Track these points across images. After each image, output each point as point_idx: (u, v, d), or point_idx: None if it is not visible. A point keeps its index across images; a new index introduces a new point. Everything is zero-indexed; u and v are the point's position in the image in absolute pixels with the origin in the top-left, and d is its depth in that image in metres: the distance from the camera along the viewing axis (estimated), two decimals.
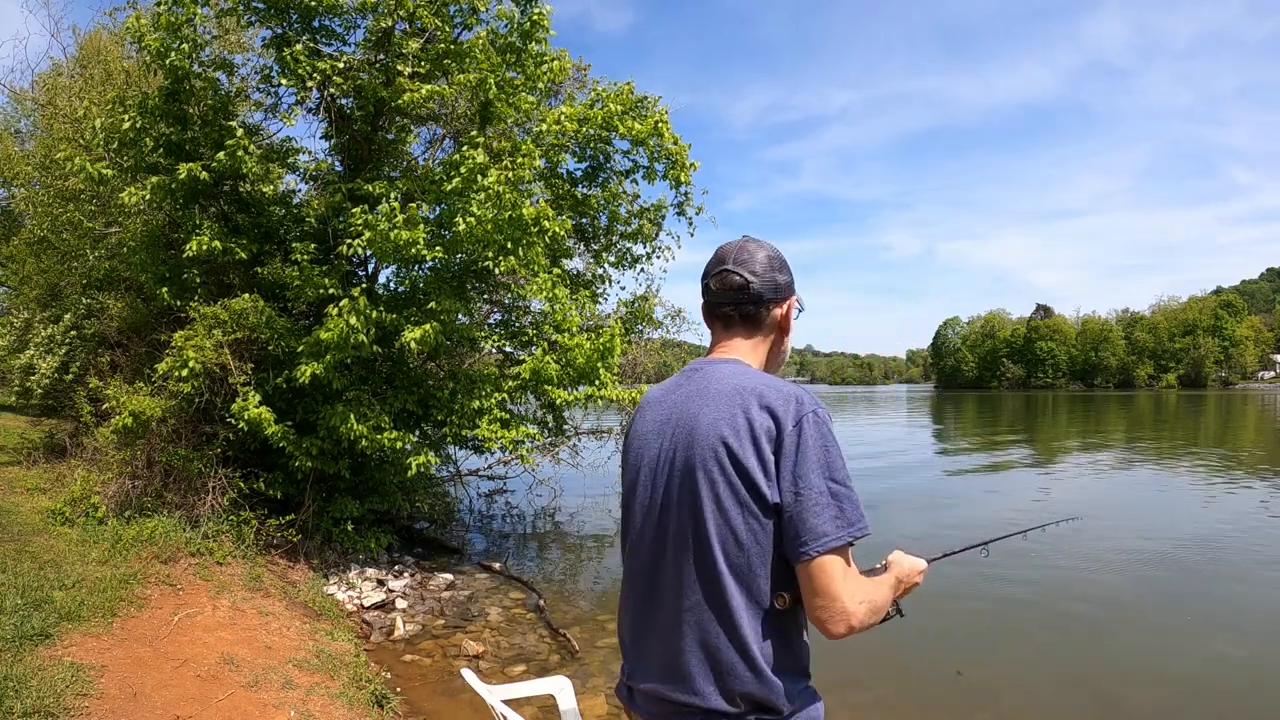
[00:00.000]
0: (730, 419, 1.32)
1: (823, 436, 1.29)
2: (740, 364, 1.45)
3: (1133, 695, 4.88)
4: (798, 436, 1.27)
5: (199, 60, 6.71)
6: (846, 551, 1.27)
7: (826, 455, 1.27)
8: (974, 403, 61.25)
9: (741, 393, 1.35)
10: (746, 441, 1.29)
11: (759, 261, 1.48)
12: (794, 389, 1.34)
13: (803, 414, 1.29)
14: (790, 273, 1.53)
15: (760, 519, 1.28)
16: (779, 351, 1.56)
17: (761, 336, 1.51)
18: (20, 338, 11.21)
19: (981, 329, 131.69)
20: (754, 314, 1.49)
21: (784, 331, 1.54)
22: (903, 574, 1.53)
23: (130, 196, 6.36)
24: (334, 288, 6.46)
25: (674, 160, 8.36)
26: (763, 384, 1.35)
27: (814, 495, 1.25)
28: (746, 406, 1.32)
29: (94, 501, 6.25)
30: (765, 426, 1.29)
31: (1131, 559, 8.18)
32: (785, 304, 1.52)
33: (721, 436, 1.32)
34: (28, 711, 3.06)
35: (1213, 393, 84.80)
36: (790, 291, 1.53)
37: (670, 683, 1.36)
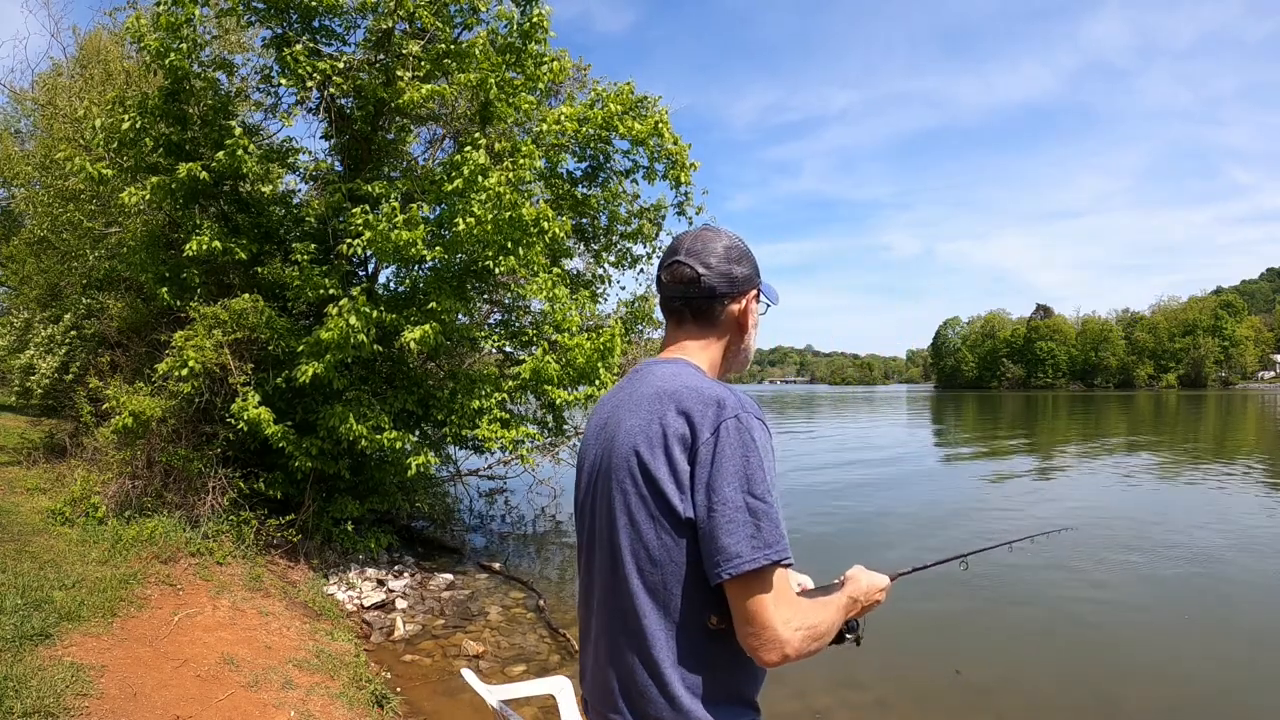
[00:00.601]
0: (645, 426, 1.22)
1: (744, 445, 1.15)
2: (683, 364, 1.33)
3: (1132, 695, 4.89)
4: (714, 444, 1.15)
5: (199, 60, 6.72)
6: (773, 573, 1.13)
7: (746, 466, 1.14)
8: (974, 403, 61.25)
9: (662, 397, 1.24)
10: (659, 450, 1.19)
11: (714, 252, 1.35)
12: (719, 391, 1.21)
13: (722, 419, 1.17)
14: (753, 265, 1.40)
15: (673, 534, 1.18)
16: (737, 351, 1.42)
17: (716, 335, 1.38)
18: (20, 338, 11.21)
19: (981, 329, 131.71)
20: (706, 310, 1.36)
21: (742, 330, 1.41)
22: (859, 592, 1.39)
23: (130, 196, 6.36)
24: (334, 288, 6.46)
25: (674, 160, 8.36)
26: (686, 387, 1.23)
27: (728, 511, 1.12)
28: (663, 412, 1.21)
29: (94, 501, 6.25)
30: (680, 433, 1.18)
31: (1131, 559, 8.18)
32: (743, 300, 1.38)
33: (635, 445, 1.22)
34: (28, 711, 3.06)
35: (1213, 393, 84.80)
36: (749, 285, 1.39)
37: (599, 699, 1.30)
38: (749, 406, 1.20)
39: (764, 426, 1.21)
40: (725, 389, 1.22)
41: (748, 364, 1.45)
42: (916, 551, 8.27)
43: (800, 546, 5.79)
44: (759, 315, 1.44)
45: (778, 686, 4.71)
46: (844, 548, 8.82)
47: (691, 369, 1.32)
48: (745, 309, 1.40)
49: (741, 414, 1.18)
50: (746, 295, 1.39)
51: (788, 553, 1.14)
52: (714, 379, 1.32)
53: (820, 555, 8.49)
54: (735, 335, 1.40)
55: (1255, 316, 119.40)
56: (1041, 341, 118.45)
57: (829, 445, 22.69)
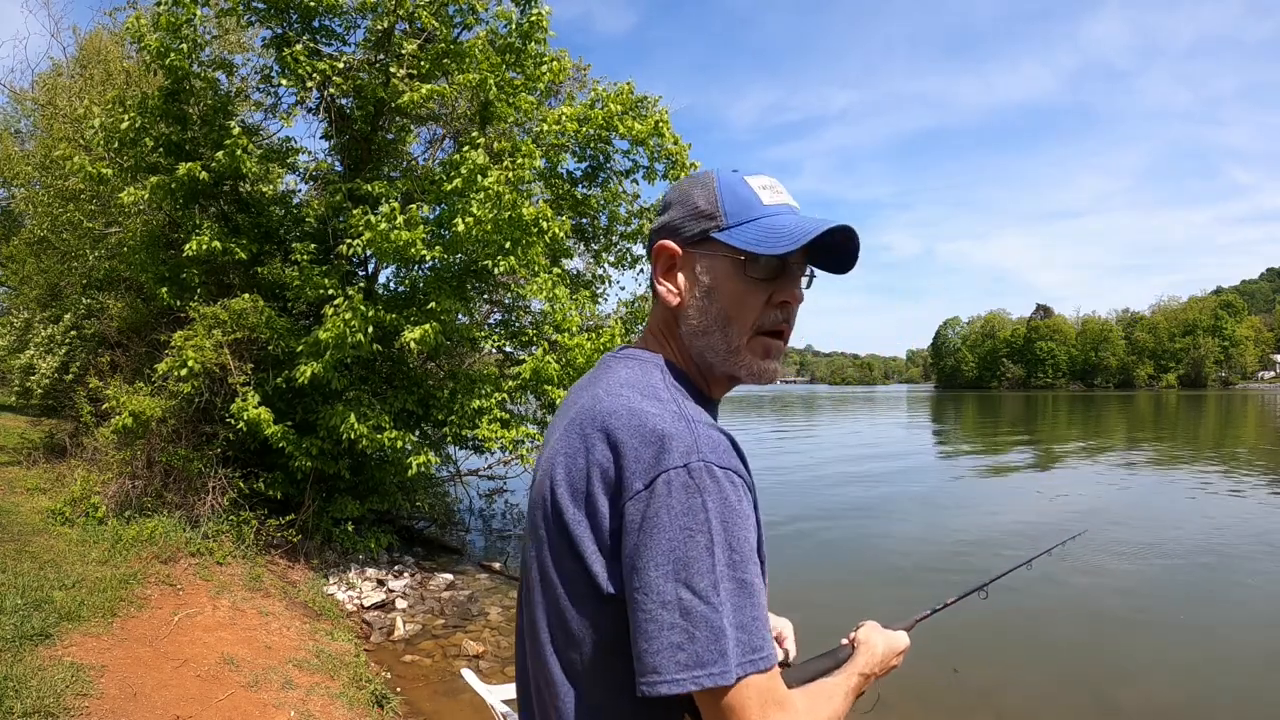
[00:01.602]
0: (568, 457, 0.90)
1: (688, 513, 0.80)
2: (638, 362, 0.98)
3: (1131, 694, 4.89)
4: (646, 505, 0.81)
5: (199, 60, 6.72)
6: (741, 688, 0.79)
7: (686, 546, 0.79)
8: (974, 403, 61.27)
9: (595, 418, 0.90)
10: (580, 496, 0.87)
11: (664, 197, 1.05)
12: (667, 422, 0.85)
13: (664, 468, 0.82)
14: (692, 203, 0.97)
15: (594, 611, 0.87)
16: (698, 333, 0.98)
17: (661, 316, 1.03)
18: (20, 338, 11.22)
19: (981, 329, 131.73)
20: (652, 281, 1.03)
21: (670, 299, 0.99)
22: (874, 664, 1.10)
23: (130, 196, 6.37)
24: (333, 288, 6.46)
25: (674, 160, 8.37)
26: (627, 407, 0.88)
27: (650, 605, 0.79)
28: (591, 442, 0.88)
29: (94, 501, 6.25)
30: (606, 477, 0.86)
31: (1131, 559, 8.18)
32: (653, 253, 1.01)
33: (553, 481, 0.91)
34: (28, 711, 3.06)
35: (1213, 393, 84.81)
36: (664, 233, 0.99)
37: None
38: (712, 450, 0.84)
39: (734, 482, 0.84)
40: (679, 418, 0.86)
41: (738, 359, 0.98)
42: (926, 558, 8.27)
43: (804, 554, 5.79)
44: (713, 278, 0.96)
45: None
46: (848, 553, 8.82)
47: (653, 371, 0.96)
48: (668, 266, 0.99)
49: (694, 463, 0.82)
50: (670, 248, 0.98)
51: (735, 672, 0.78)
52: (675, 392, 0.93)
53: (823, 562, 8.49)
54: (670, 309, 1.00)
55: (1255, 316, 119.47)
56: (1041, 341, 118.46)
57: (830, 445, 22.70)
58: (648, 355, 1.00)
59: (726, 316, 0.95)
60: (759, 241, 0.93)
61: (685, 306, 0.98)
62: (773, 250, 0.92)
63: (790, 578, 7.53)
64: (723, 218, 0.95)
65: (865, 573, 7.68)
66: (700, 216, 0.96)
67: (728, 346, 0.96)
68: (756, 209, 0.95)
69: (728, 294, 0.95)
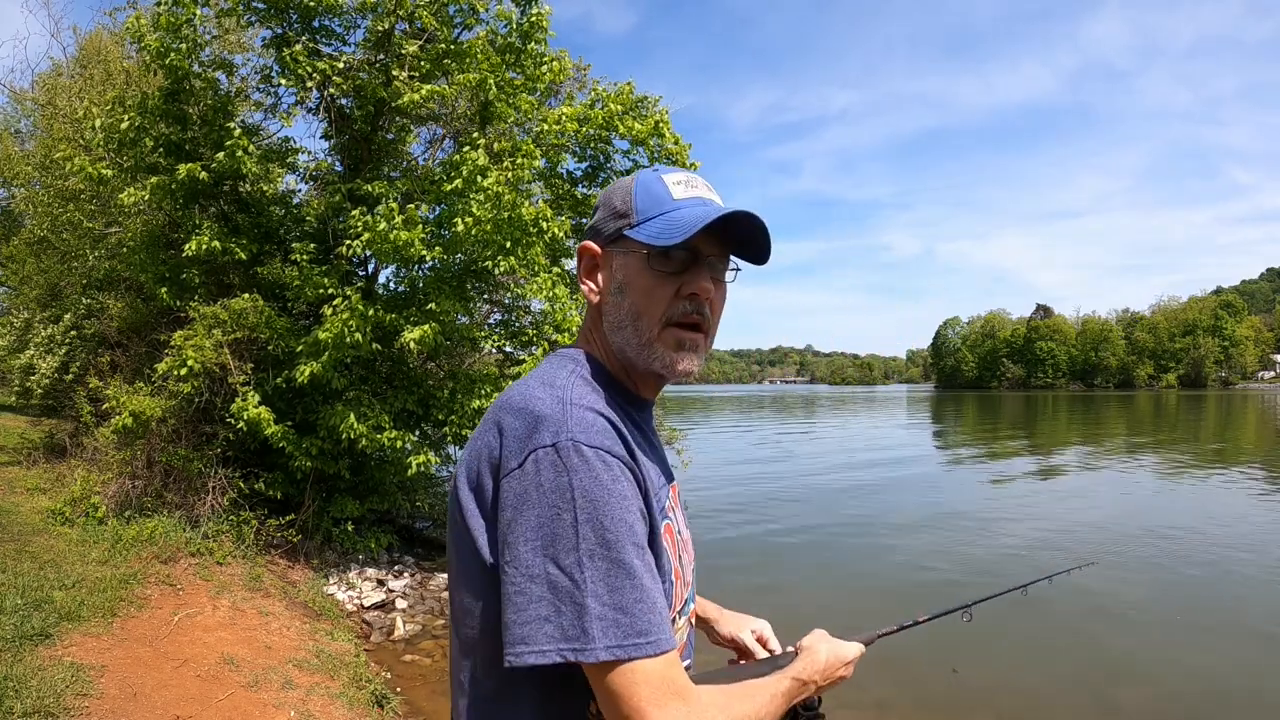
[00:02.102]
0: (470, 445, 0.95)
1: (556, 490, 0.82)
2: (558, 357, 1.02)
3: (1131, 694, 4.89)
4: (519, 481, 0.84)
5: (199, 60, 6.72)
6: (634, 665, 0.79)
7: (556, 521, 0.81)
8: (974, 403, 61.26)
9: (494, 407, 0.95)
10: (471, 476, 0.91)
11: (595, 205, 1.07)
12: (545, 403, 0.89)
13: (536, 445, 0.85)
14: (610, 204, 1.01)
15: (483, 579, 0.89)
16: (615, 328, 1.00)
17: (588, 314, 1.06)
18: (20, 338, 11.22)
19: (981, 329, 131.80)
20: None
21: (591, 296, 1.03)
22: (813, 672, 1.06)
23: (130, 196, 6.37)
24: (333, 288, 6.46)
25: (674, 160, 8.36)
26: (521, 392, 0.93)
27: (518, 578, 0.81)
28: (485, 426, 0.93)
29: (94, 501, 6.25)
30: (490, 457, 0.89)
31: (1130, 559, 8.18)
32: (577, 253, 1.05)
33: (462, 464, 0.95)
34: (28, 711, 3.06)
35: (1213, 393, 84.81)
36: (589, 234, 1.04)
37: None
38: (583, 430, 0.85)
39: (606, 461, 0.84)
40: (557, 400, 0.89)
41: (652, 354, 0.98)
42: (917, 555, 8.27)
43: (796, 553, 5.79)
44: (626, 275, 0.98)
45: None
46: (843, 553, 8.82)
47: (564, 364, 0.99)
48: (590, 266, 1.03)
49: (563, 441, 0.84)
50: (591, 248, 1.03)
51: (605, 654, 0.78)
52: (574, 380, 0.95)
53: (818, 562, 8.49)
54: (593, 307, 1.04)
55: (1255, 316, 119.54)
56: (1041, 341, 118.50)
57: (830, 446, 22.70)
58: (571, 351, 1.03)
59: (636, 310, 0.97)
60: (659, 234, 0.94)
61: (604, 303, 1.01)
62: (669, 241, 0.93)
63: (786, 584, 7.53)
64: (634, 215, 0.97)
65: (858, 582, 7.68)
66: (616, 216, 0.99)
67: (639, 340, 0.97)
68: (665, 204, 0.96)
69: (637, 288, 0.97)
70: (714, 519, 10.19)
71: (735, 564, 7.92)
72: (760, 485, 13.66)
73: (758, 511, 10.73)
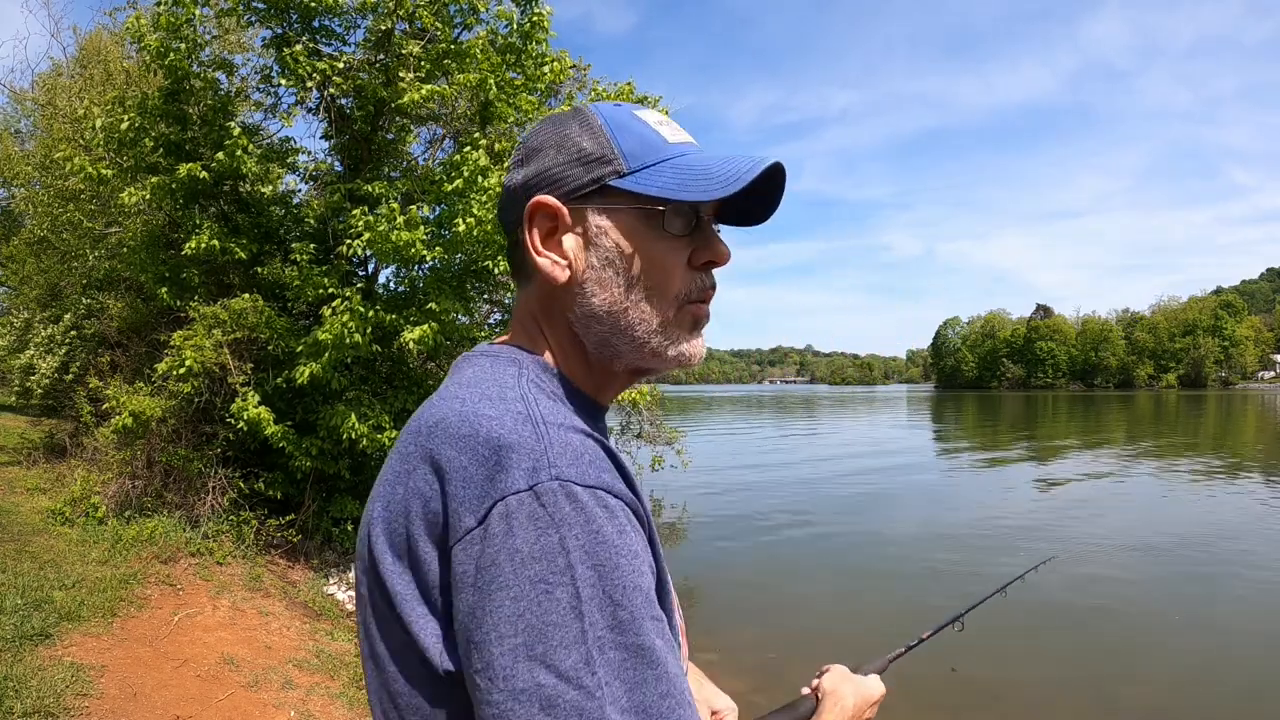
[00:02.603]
0: (387, 489, 0.67)
1: (544, 555, 0.56)
2: (490, 359, 0.74)
3: (1131, 693, 4.89)
4: (481, 548, 0.57)
5: (199, 60, 6.72)
6: None
7: (545, 604, 0.55)
8: (974, 403, 61.27)
9: (416, 433, 0.67)
10: (397, 540, 0.64)
11: (521, 146, 0.78)
12: (511, 424, 0.62)
13: (504, 491, 0.58)
14: (571, 146, 0.72)
15: (436, 690, 0.62)
16: (600, 315, 0.72)
17: (536, 300, 0.76)
18: (20, 338, 11.23)
19: (981, 329, 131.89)
20: (512, 257, 0.78)
21: (556, 271, 0.72)
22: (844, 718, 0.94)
23: (130, 196, 6.37)
24: (333, 288, 6.46)
25: None
26: (456, 411, 0.65)
27: (498, 697, 0.55)
28: (410, 463, 0.65)
29: (94, 501, 6.25)
30: (428, 510, 0.62)
31: (1129, 559, 8.19)
32: (534, 217, 0.72)
33: (371, 524, 0.67)
34: (28, 711, 3.06)
35: (1213, 393, 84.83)
36: (537, 187, 0.73)
37: None
38: (571, 461, 0.60)
39: (608, 505, 0.59)
40: (524, 420, 0.62)
41: (658, 343, 0.73)
42: (918, 560, 8.27)
43: (796, 556, 5.79)
44: (617, 239, 0.71)
45: (776, 686, 4.72)
46: (844, 558, 8.82)
47: (505, 368, 0.72)
48: (549, 230, 0.73)
49: (545, 483, 0.58)
50: (550, 204, 0.72)
51: None
52: (531, 389, 0.68)
53: (818, 566, 8.49)
54: (554, 288, 0.73)
55: (1255, 316, 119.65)
56: (1041, 341, 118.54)
57: (831, 446, 22.70)
58: (506, 350, 0.75)
59: (645, 287, 0.71)
60: (681, 186, 0.70)
61: (580, 281, 0.71)
62: (707, 194, 0.69)
63: (787, 588, 7.53)
64: (621, 160, 0.71)
65: (860, 588, 7.68)
66: (589, 161, 0.71)
67: (647, 326, 0.72)
68: (661, 148, 0.73)
69: (646, 258, 0.71)
70: (712, 525, 10.19)
71: (736, 566, 7.92)
72: (759, 487, 13.66)
73: (757, 514, 10.73)
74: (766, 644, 5.50)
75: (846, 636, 5.77)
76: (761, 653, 5.32)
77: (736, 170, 0.71)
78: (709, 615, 6.01)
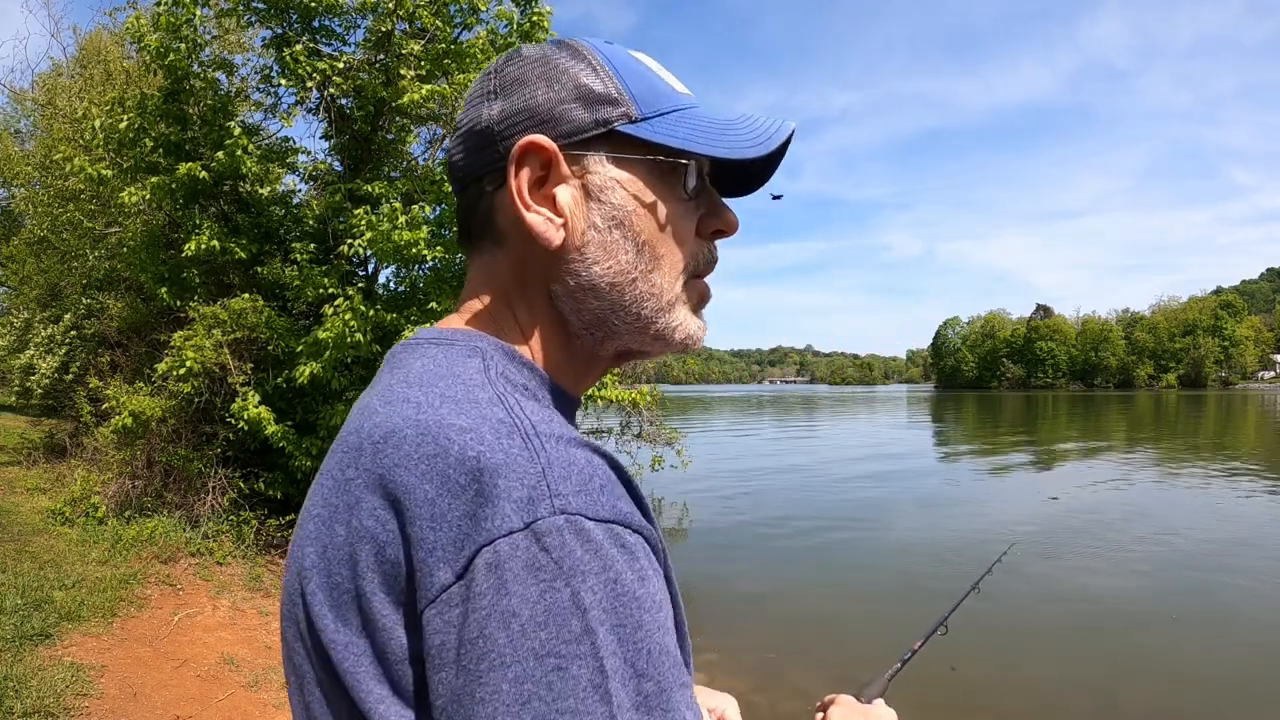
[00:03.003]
0: (322, 527, 0.51)
1: (552, 619, 0.42)
2: (442, 346, 0.58)
3: (1131, 693, 4.89)
4: (465, 611, 0.43)
5: (199, 60, 6.72)
6: None
7: (557, 687, 0.41)
8: (974, 403, 61.29)
9: (356, 450, 0.51)
10: (342, 598, 0.48)
11: (469, 98, 0.62)
12: (492, 436, 0.47)
13: (489, 535, 0.43)
14: (569, 80, 0.58)
15: None
16: (600, 286, 0.59)
17: (510, 266, 0.61)
18: (20, 338, 11.24)
19: (981, 329, 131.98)
20: (469, 214, 0.63)
21: (549, 232, 0.57)
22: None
23: (130, 196, 6.37)
24: (334, 287, 6.47)
25: None
26: (411, 420, 0.50)
27: None
28: (352, 493, 0.50)
29: (94, 501, 6.26)
30: (382, 559, 0.47)
31: (1128, 559, 8.19)
32: (512, 157, 0.57)
33: (301, 574, 0.52)
34: (28, 711, 3.06)
35: (1213, 393, 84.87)
36: (521, 124, 0.58)
37: None
38: (579, 486, 0.46)
39: (626, 543, 0.46)
40: (510, 431, 0.48)
41: (664, 323, 0.61)
42: (923, 564, 8.27)
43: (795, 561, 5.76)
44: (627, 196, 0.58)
45: (777, 686, 4.72)
46: (843, 559, 8.82)
47: (464, 359, 0.56)
48: (539, 178, 0.58)
49: (545, 520, 0.44)
50: (545, 146, 0.57)
51: None
52: (505, 387, 0.53)
53: (816, 572, 8.49)
54: (544, 252, 0.58)
55: (1255, 316, 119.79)
56: (1041, 341, 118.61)
57: (831, 447, 22.71)
58: (463, 335, 0.59)
59: (654, 255, 0.59)
60: (708, 140, 0.59)
61: (578, 246, 0.58)
62: (739, 152, 0.59)
63: (787, 596, 7.53)
64: (632, 104, 0.58)
65: (858, 590, 7.68)
66: (592, 101, 0.58)
67: (656, 303, 0.60)
68: (672, 96, 0.61)
69: (658, 220, 0.59)
70: (712, 525, 10.20)
71: (736, 566, 7.93)
72: (760, 487, 13.66)
73: (758, 514, 10.74)
74: (766, 644, 5.49)
75: (846, 636, 5.77)
76: (761, 653, 5.31)
77: (763, 129, 0.62)
78: (708, 615, 6.01)
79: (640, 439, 10.27)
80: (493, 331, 0.60)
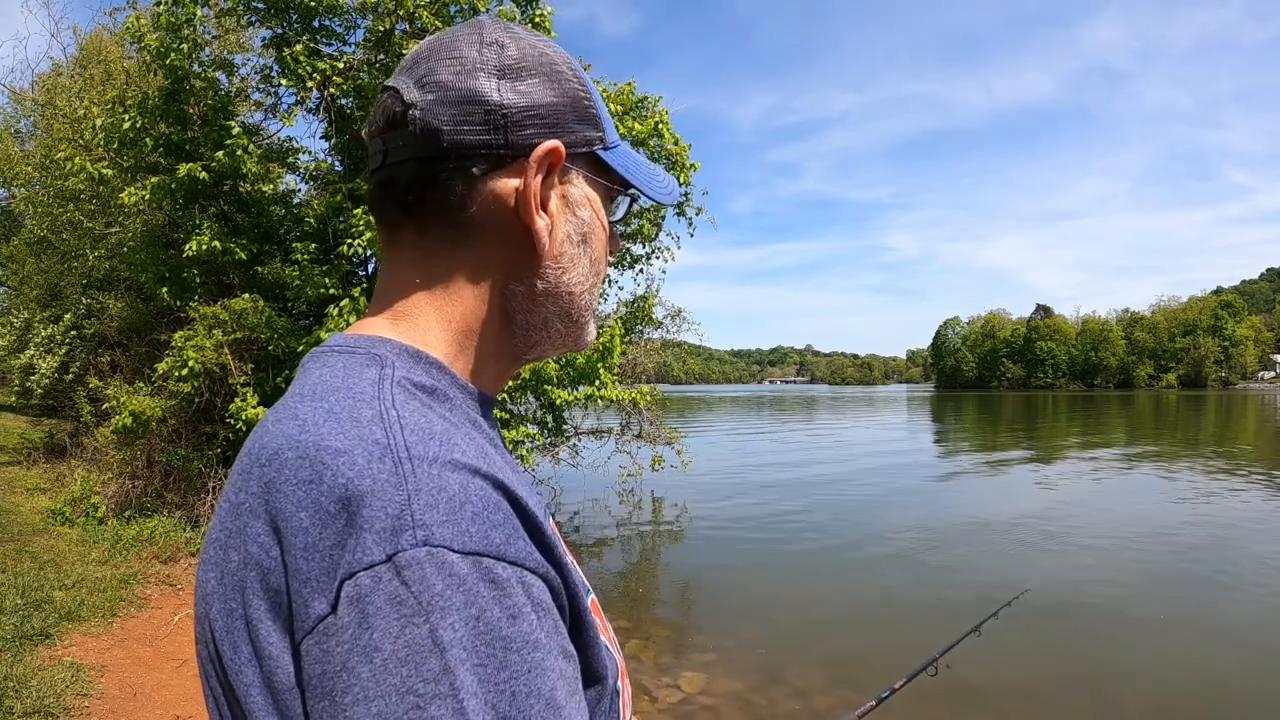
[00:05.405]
0: (221, 556, 0.49)
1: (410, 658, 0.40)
2: (344, 355, 0.55)
3: (1131, 693, 4.89)
4: (331, 645, 0.41)
5: (199, 60, 6.73)
6: None
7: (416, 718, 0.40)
8: (974, 404, 61.28)
9: (248, 470, 0.50)
10: (236, 624, 0.47)
11: (457, 59, 0.56)
12: (364, 458, 0.45)
13: (352, 567, 0.42)
14: (568, 90, 0.58)
15: None
16: (559, 293, 0.60)
17: (470, 261, 0.58)
18: (20, 338, 11.25)
19: (981, 329, 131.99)
20: (433, 189, 0.56)
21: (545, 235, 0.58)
22: None
23: (130, 196, 6.37)
24: (334, 287, 6.47)
25: (674, 160, 8.37)
26: (295, 439, 0.47)
27: None
28: (243, 517, 0.48)
29: (94, 501, 6.26)
30: (269, 587, 0.45)
31: (1127, 558, 8.18)
32: (536, 157, 0.56)
33: (206, 599, 0.50)
34: (28, 711, 3.06)
35: (1213, 393, 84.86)
36: (535, 121, 0.56)
37: None
38: (448, 513, 0.43)
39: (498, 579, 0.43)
40: (382, 451, 0.45)
41: (585, 331, 0.65)
42: (923, 564, 8.27)
43: (795, 561, 5.74)
44: (591, 215, 0.61)
45: (777, 686, 4.72)
46: (843, 559, 8.82)
47: (364, 368, 0.53)
48: (526, 190, 0.56)
49: (407, 551, 0.42)
50: (558, 153, 0.57)
51: None
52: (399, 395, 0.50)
53: (815, 572, 8.48)
54: (510, 258, 0.58)
55: (1255, 316, 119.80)
56: (1041, 341, 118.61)
57: (831, 447, 22.71)
58: (365, 342, 0.55)
59: (597, 270, 0.64)
60: (648, 181, 0.65)
61: (556, 254, 0.59)
62: (661, 198, 0.66)
63: (780, 594, 7.53)
64: (605, 132, 0.61)
65: (858, 589, 7.68)
66: (586, 119, 0.59)
67: (588, 312, 0.64)
68: (613, 130, 0.63)
69: (602, 239, 0.64)
70: (711, 525, 10.19)
71: (735, 566, 7.92)
72: (759, 487, 13.66)
73: (757, 514, 10.73)
74: (765, 644, 5.49)
75: (846, 636, 5.76)
76: (760, 653, 5.31)
77: (669, 184, 0.68)
78: (708, 615, 6.01)
79: (640, 439, 10.28)
80: (404, 333, 0.57)
